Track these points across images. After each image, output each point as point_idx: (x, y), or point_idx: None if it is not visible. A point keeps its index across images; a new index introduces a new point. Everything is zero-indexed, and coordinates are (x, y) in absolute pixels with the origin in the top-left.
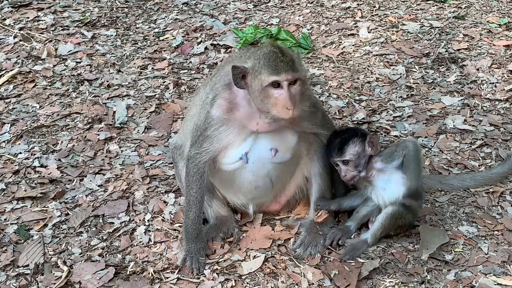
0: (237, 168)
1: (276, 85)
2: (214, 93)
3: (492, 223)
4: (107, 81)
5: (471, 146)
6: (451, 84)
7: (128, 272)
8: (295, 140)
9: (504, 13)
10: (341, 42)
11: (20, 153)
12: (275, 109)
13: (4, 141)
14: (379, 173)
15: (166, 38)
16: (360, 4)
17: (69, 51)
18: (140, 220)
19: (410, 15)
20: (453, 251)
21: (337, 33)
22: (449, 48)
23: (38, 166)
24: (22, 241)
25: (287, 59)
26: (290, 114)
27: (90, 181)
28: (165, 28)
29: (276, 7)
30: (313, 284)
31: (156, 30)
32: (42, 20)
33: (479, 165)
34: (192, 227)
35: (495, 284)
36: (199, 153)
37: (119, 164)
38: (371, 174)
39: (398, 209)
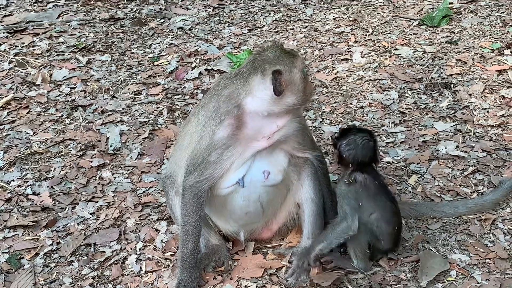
0: (230, 192)
1: None
2: (223, 116)
3: (484, 251)
4: (101, 107)
5: (463, 173)
6: (443, 109)
7: None
8: (286, 161)
9: (496, 38)
10: (334, 67)
11: (13, 180)
12: (308, 88)
13: None
14: None
15: (161, 63)
16: (354, 29)
17: (63, 77)
18: (131, 249)
19: (403, 40)
20: (445, 280)
21: (331, 58)
22: (441, 73)
23: (30, 194)
24: (13, 270)
25: None
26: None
27: (82, 209)
28: (160, 53)
29: (270, 31)
30: None
31: (151, 55)
32: (37, 46)
33: (471, 192)
34: (190, 257)
35: None
36: (200, 181)
37: (112, 192)
38: None
39: None
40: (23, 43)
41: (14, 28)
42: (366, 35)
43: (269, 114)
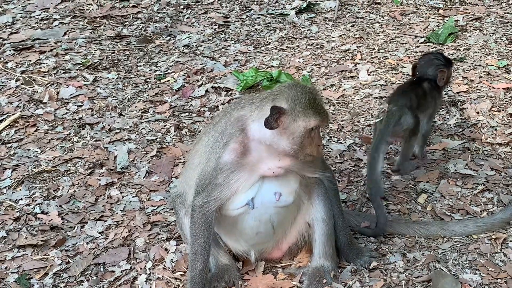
0: (241, 213)
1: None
2: (227, 138)
3: (495, 270)
4: (109, 125)
5: (472, 191)
6: (451, 127)
7: None
8: (297, 183)
9: (502, 56)
10: (341, 85)
11: (21, 199)
12: (309, 148)
13: (5, 187)
14: None
15: (167, 81)
16: (359, 47)
17: (70, 95)
18: (141, 269)
19: (409, 57)
20: None
21: (337, 75)
22: (448, 90)
23: (39, 213)
24: None
25: (323, 103)
26: (321, 152)
27: (91, 228)
28: (166, 71)
29: (276, 49)
30: None
31: (157, 72)
32: (44, 63)
33: (481, 211)
34: (199, 278)
35: None
36: (208, 202)
37: (120, 210)
38: None
39: None
40: (30, 60)
41: (21, 46)
42: (372, 52)
43: (271, 145)
